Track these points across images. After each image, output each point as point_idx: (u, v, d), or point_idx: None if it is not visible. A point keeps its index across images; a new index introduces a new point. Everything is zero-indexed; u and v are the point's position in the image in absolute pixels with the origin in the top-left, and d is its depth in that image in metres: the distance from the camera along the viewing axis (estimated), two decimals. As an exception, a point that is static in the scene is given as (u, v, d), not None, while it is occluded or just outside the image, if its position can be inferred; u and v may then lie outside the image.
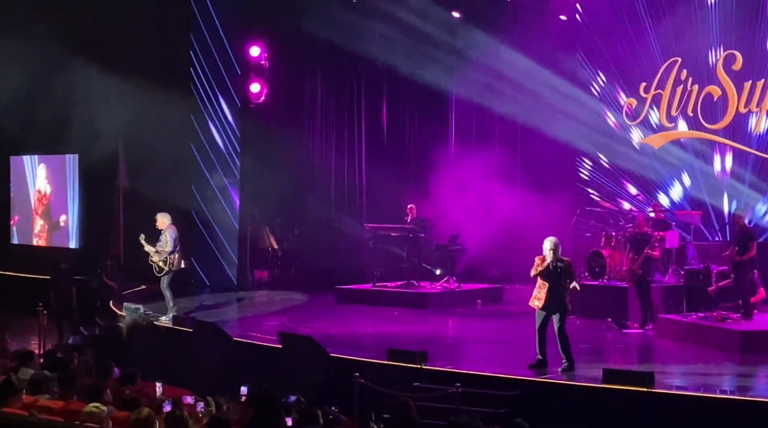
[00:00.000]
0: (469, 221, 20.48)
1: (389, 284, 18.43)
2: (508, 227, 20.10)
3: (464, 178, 20.77)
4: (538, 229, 15.79)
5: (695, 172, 18.14)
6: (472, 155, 20.84)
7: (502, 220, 20.11)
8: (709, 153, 17.94)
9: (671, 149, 18.54)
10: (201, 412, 8.03)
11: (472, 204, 20.45)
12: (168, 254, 15.26)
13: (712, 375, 12.10)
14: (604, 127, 19.40)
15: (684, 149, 18.35)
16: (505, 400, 10.94)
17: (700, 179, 18.05)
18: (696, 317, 14.11)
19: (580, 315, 15.19)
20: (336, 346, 12.90)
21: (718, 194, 17.76)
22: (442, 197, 21.01)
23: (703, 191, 17.96)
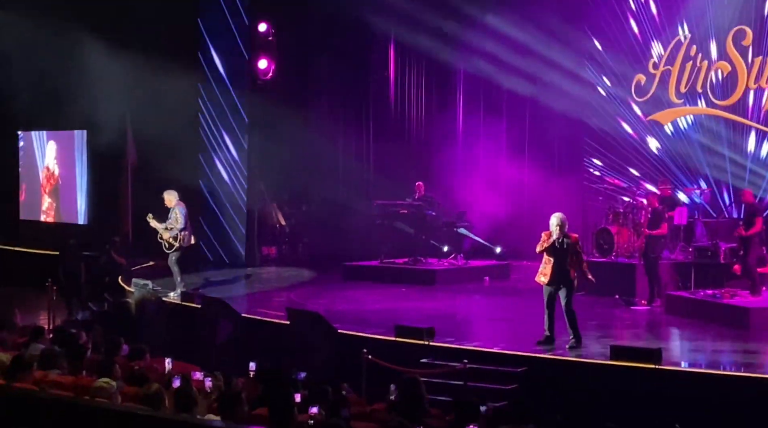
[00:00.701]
0: (477, 197, 20.47)
1: (396, 261, 18.44)
2: (516, 204, 20.10)
3: (472, 154, 20.76)
4: (546, 205, 15.75)
5: (704, 148, 18.07)
6: (480, 131, 20.81)
7: (510, 197, 20.10)
8: (719, 130, 17.86)
9: (680, 126, 18.47)
10: (210, 388, 8.07)
11: (480, 181, 20.44)
12: (179, 230, 15.28)
13: (720, 351, 12.11)
14: (613, 103, 19.33)
15: (693, 125, 18.28)
16: (513, 376, 10.96)
17: (709, 156, 17.99)
18: (704, 293, 14.10)
19: (588, 292, 15.18)
20: (343, 322, 12.92)
21: (727, 171, 17.69)
22: (450, 173, 21.00)
23: (712, 168, 17.90)
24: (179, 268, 15.59)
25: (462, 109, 21.58)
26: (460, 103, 21.52)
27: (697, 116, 18.25)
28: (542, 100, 19.57)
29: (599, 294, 15.29)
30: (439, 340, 11.90)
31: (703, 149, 18.08)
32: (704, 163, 18.07)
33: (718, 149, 17.86)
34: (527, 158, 20.30)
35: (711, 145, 17.97)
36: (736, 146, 17.64)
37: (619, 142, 19.24)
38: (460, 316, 15.08)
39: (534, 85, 19.61)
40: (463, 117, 21.54)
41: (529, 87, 19.70)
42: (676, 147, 18.50)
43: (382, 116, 21.81)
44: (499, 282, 17.94)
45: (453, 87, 21.44)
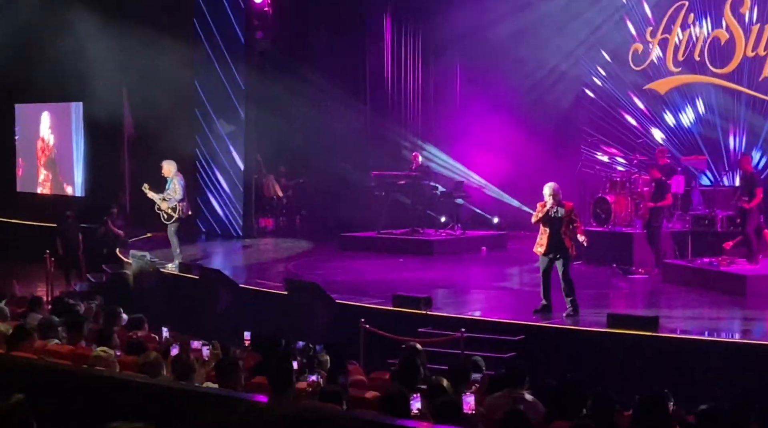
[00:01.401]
0: (475, 167, 20.48)
1: (394, 232, 18.45)
2: (513, 174, 20.09)
3: (469, 125, 20.69)
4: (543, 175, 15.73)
5: (701, 117, 18.04)
6: (477, 102, 20.73)
7: (507, 167, 20.08)
8: (717, 98, 17.82)
9: (678, 94, 18.43)
10: (207, 356, 8.10)
11: (477, 151, 20.42)
12: (178, 201, 15.25)
13: (716, 319, 12.16)
14: (611, 72, 19.26)
15: (691, 93, 18.24)
16: (510, 345, 11.00)
17: (706, 124, 17.96)
18: (701, 262, 14.13)
19: (586, 261, 15.22)
20: (341, 293, 12.96)
21: (725, 139, 17.69)
22: (447, 144, 20.98)
23: (709, 136, 17.88)
24: (178, 239, 15.58)
25: (459, 79, 21.51)
26: (458, 73, 21.45)
27: (695, 84, 18.19)
28: (540, 70, 19.51)
29: (596, 263, 15.34)
30: (437, 309, 11.94)
31: (701, 117, 18.05)
32: (701, 131, 18.04)
33: (716, 117, 17.83)
34: (525, 129, 20.24)
35: (708, 113, 17.94)
36: (734, 114, 17.61)
37: (616, 111, 19.19)
38: (458, 286, 15.11)
39: (532, 55, 19.52)
40: (461, 87, 21.48)
41: (527, 58, 19.61)
42: (673, 115, 18.46)
43: (379, 87, 21.73)
44: (496, 252, 17.97)
45: (450, 57, 21.34)
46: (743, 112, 17.51)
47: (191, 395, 5.84)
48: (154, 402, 5.62)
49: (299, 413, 5.21)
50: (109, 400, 5.75)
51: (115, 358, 7.24)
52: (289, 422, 5.06)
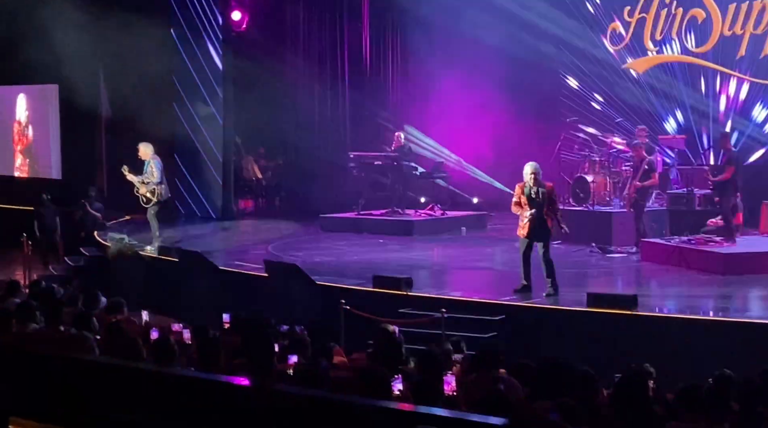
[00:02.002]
0: (454, 148, 20.48)
1: (374, 212, 18.42)
2: (492, 154, 20.11)
3: (449, 105, 20.67)
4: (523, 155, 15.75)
5: (680, 95, 18.09)
6: (457, 82, 20.70)
7: (486, 147, 20.09)
8: (694, 77, 17.88)
9: (656, 73, 18.46)
10: (188, 339, 8.07)
11: (456, 131, 20.42)
12: (156, 184, 15.17)
13: (695, 297, 12.22)
14: (589, 52, 19.27)
15: (669, 73, 18.28)
16: (491, 325, 11.03)
17: (685, 103, 18.02)
18: (679, 240, 14.21)
19: (565, 241, 15.25)
20: (321, 274, 12.95)
21: (703, 118, 17.75)
22: (427, 124, 20.96)
23: (688, 115, 17.95)
24: (157, 222, 15.52)
25: (439, 59, 21.45)
26: (437, 53, 21.38)
27: (673, 64, 18.23)
28: (518, 49, 19.49)
29: (576, 243, 15.37)
30: (417, 290, 11.94)
31: (679, 96, 18.10)
32: (679, 110, 18.10)
33: (694, 96, 17.88)
34: (504, 109, 20.23)
35: (686, 92, 17.99)
36: (712, 93, 17.67)
37: (595, 91, 19.23)
38: (438, 266, 15.13)
39: (509, 34, 19.50)
40: (439, 68, 21.42)
41: (505, 36, 19.59)
42: (651, 94, 18.50)
43: (357, 67, 21.66)
44: (476, 232, 17.98)
45: (429, 36, 21.26)
46: (720, 90, 17.56)
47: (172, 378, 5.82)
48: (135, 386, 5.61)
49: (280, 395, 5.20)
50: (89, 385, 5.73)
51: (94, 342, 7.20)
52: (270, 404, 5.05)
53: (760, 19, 16.89)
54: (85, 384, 5.73)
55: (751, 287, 12.26)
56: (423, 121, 21.09)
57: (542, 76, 19.69)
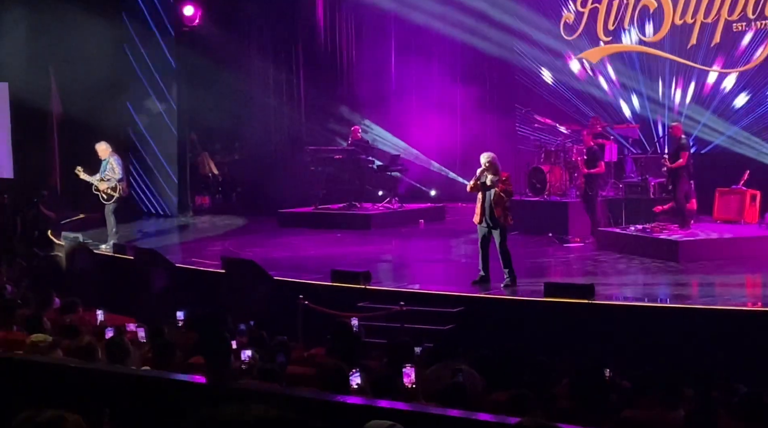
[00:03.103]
0: (410, 141, 20.47)
1: (332, 207, 18.39)
2: (449, 147, 20.14)
3: (405, 98, 20.67)
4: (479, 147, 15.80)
5: (634, 85, 18.22)
6: (412, 75, 20.71)
7: (443, 139, 20.12)
8: (647, 65, 18.02)
9: (609, 63, 18.58)
10: (143, 338, 7.99)
11: (413, 124, 20.42)
12: (117, 181, 15.14)
13: (651, 285, 12.33)
14: (543, 42, 19.35)
15: (622, 62, 18.40)
16: (450, 317, 11.03)
17: (637, 92, 18.16)
18: (635, 229, 14.32)
19: (522, 231, 15.32)
20: (279, 269, 12.88)
21: (657, 107, 17.89)
22: (383, 117, 20.93)
23: (641, 104, 18.09)
24: (115, 219, 15.41)
25: (394, 53, 21.44)
26: (392, 47, 21.38)
27: (627, 53, 18.36)
28: (472, 41, 19.53)
29: (533, 233, 15.45)
30: (376, 284, 11.92)
31: (632, 85, 18.23)
32: (633, 99, 18.24)
33: (646, 85, 18.02)
34: (459, 101, 20.28)
35: (639, 81, 18.13)
36: (664, 82, 17.82)
37: (549, 81, 19.32)
38: (397, 259, 15.12)
39: (463, 26, 19.53)
40: (395, 61, 21.42)
41: (459, 28, 19.62)
42: (605, 84, 18.63)
43: (312, 61, 21.56)
44: (434, 225, 18.01)
45: (384, 31, 21.25)
46: (672, 79, 17.72)
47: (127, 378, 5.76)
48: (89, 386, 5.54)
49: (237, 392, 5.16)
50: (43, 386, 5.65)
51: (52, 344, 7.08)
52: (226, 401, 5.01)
53: (710, 8, 17.04)
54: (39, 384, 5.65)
55: (706, 274, 12.38)
56: (380, 114, 21.06)
57: (497, 68, 19.76)
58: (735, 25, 16.80)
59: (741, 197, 15.02)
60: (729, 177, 15.51)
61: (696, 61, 17.35)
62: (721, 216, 15.17)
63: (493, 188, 11.49)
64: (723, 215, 15.14)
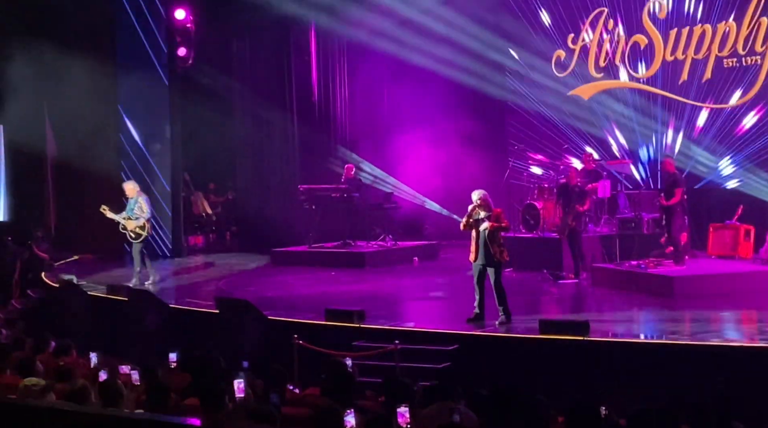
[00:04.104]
0: (404, 178, 20.52)
1: (325, 245, 18.39)
2: (443, 184, 20.18)
3: (398, 136, 20.74)
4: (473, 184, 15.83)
5: (625, 121, 18.32)
6: (405, 113, 20.80)
7: (436, 176, 20.16)
8: (639, 102, 18.13)
9: (601, 99, 18.69)
10: (137, 380, 7.94)
11: (406, 161, 20.47)
12: (146, 219, 15.35)
13: (646, 321, 12.31)
14: (535, 79, 19.48)
15: (613, 98, 18.51)
16: (445, 355, 11.00)
17: (630, 128, 18.25)
18: (629, 264, 14.32)
19: (516, 268, 15.32)
20: (274, 309, 12.85)
21: (648, 142, 17.98)
22: (376, 155, 20.99)
23: (634, 140, 18.17)
24: (141, 258, 15.63)
25: (386, 91, 21.56)
26: (385, 86, 21.49)
27: (617, 89, 18.48)
28: (463, 79, 19.63)
29: (527, 269, 15.45)
30: (371, 322, 11.89)
31: (624, 121, 18.32)
32: (625, 135, 18.32)
33: (639, 121, 18.12)
34: (453, 138, 20.35)
35: (631, 117, 18.22)
36: (656, 118, 17.91)
37: (541, 118, 19.41)
38: (391, 297, 15.09)
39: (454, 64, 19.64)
40: (388, 99, 21.52)
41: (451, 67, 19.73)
42: (597, 120, 18.72)
43: (305, 100, 21.63)
44: (428, 262, 18.01)
45: (377, 70, 21.35)
46: (664, 115, 17.81)
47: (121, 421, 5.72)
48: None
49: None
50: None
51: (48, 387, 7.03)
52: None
53: (701, 44, 17.18)
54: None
55: (701, 310, 12.35)
56: (373, 152, 21.12)
57: (489, 105, 19.86)
58: (725, 61, 16.92)
59: (735, 233, 15.05)
60: (722, 212, 15.54)
61: (687, 97, 17.45)
62: (715, 252, 15.18)
63: (486, 225, 11.51)
64: (717, 250, 15.16)
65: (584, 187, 15.30)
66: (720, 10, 16.87)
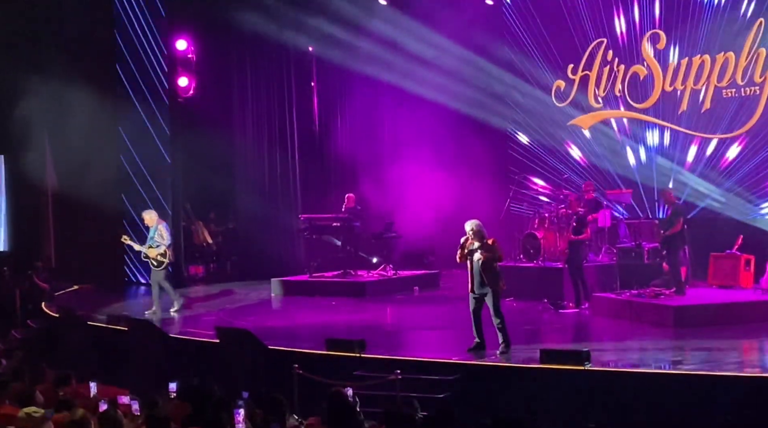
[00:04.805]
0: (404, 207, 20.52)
1: (326, 275, 18.39)
2: (443, 213, 20.18)
3: (399, 165, 20.77)
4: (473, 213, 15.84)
5: (625, 151, 18.37)
6: (406, 141, 20.86)
7: (437, 205, 20.18)
8: (638, 132, 18.19)
9: (601, 129, 18.75)
10: (137, 411, 7.92)
11: (407, 190, 20.49)
12: (166, 246, 15.54)
13: (647, 350, 12.27)
14: (534, 109, 19.56)
15: (613, 128, 18.58)
16: (446, 385, 10.97)
17: (630, 158, 18.30)
18: (630, 294, 14.30)
19: (517, 297, 15.31)
20: (274, 338, 12.82)
21: (648, 172, 18.01)
22: (377, 184, 21.01)
23: (633, 170, 18.21)
24: (170, 282, 15.85)
25: (387, 120, 21.63)
26: (386, 112, 21.56)
27: (617, 119, 18.54)
28: (465, 108, 19.73)
29: (527, 299, 15.43)
30: (371, 352, 11.86)
31: (623, 151, 18.37)
32: (625, 165, 18.35)
33: (638, 151, 18.17)
34: (453, 167, 20.40)
35: (631, 147, 18.28)
36: (655, 148, 17.96)
37: (541, 147, 19.47)
38: (391, 327, 15.08)
39: (456, 94, 19.74)
40: (389, 128, 21.59)
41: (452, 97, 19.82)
42: (596, 150, 18.77)
43: (306, 130, 21.70)
44: (428, 292, 18.00)
45: (377, 97, 21.45)
46: (664, 145, 17.86)
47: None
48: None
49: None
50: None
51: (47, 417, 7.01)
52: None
53: (700, 75, 17.26)
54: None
55: (702, 339, 12.32)
56: (373, 181, 21.14)
57: (490, 134, 19.93)
58: (724, 91, 17.00)
59: (735, 262, 15.04)
60: (722, 241, 15.54)
61: (687, 127, 17.50)
62: (716, 281, 15.17)
63: (478, 255, 11.52)
64: (718, 280, 15.14)
65: (585, 216, 15.31)
66: (719, 41, 16.95)
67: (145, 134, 19.71)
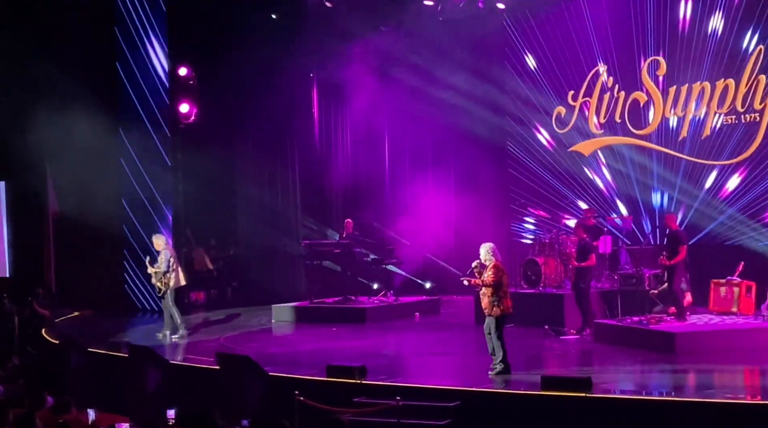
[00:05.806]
0: (406, 233, 20.54)
1: (327, 301, 18.37)
2: (445, 239, 20.20)
3: (400, 191, 20.82)
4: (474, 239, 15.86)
5: (625, 177, 18.39)
6: (407, 168, 20.90)
7: (439, 232, 20.20)
8: (638, 158, 18.21)
9: (601, 156, 18.79)
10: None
11: (408, 217, 20.51)
12: (163, 274, 15.57)
13: (648, 376, 12.23)
14: (535, 136, 19.62)
15: (614, 155, 18.61)
16: (447, 411, 10.93)
17: (631, 184, 18.31)
18: (631, 320, 14.28)
19: (518, 323, 15.28)
20: (275, 365, 12.78)
21: (649, 198, 18.03)
22: (378, 211, 21.05)
23: (634, 196, 18.22)
24: (177, 308, 15.88)
25: (388, 147, 21.68)
26: (386, 139, 21.62)
27: (617, 146, 18.58)
28: (466, 135, 19.79)
29: (528, 325, 15.40)
30: (372, 378, 11.82)
31: (624, 177, 18.40)
32: (625, 191, 18.37)
33: (639, 177, 18.18)
34: (454, 193, 20.43)
35: (631, 173, 18.30)
36: (656, 174, 17.98)
37: (542, 174, 19.50)
38: (392, 353, 15.02)
39: (457, 120, 19.81)
40: (391, 153, 21.64)
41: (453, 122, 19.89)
42: (598, 176, 18.79)
43: (307, 156, 21.76)
44: (429, 318, 17.97)
45: (378, 125, 21.52)
46: (665, 172, 17.88)
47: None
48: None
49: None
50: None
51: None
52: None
53: (700, 101, 17.31)
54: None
55: (704, 366, 12.29)
56: (374, 207, 21.17)
57: (490, 161, 19.97)
58: (725, 118, 17.03)
59: (736, 289, 15.01)
60: (723, 268, 15.52)
61: (687, 153, 17.53)
62: (717, 308, 15.13)
63: (484, 278, 11.62)
64: (719, 306, 15.11)
65: (589, 243, 15.30)
66: (719, 68, 17.01)
67: (146, 160, 19.75)
